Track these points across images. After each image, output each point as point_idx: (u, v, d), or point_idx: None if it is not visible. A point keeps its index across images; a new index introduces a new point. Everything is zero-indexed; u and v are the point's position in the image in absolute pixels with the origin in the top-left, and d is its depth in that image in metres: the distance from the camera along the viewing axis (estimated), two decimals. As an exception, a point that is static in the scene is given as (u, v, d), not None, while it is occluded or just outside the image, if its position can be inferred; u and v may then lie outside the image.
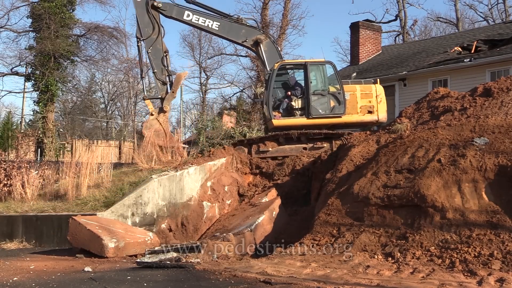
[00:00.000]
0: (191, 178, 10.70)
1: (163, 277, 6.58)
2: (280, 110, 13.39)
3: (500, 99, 9.63)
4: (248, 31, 13.90)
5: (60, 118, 40.84)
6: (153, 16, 13.11)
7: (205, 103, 43.59)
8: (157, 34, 13.17)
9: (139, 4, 13.15)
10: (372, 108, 13.64)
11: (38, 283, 6.34)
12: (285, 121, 13.25)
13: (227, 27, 13.76)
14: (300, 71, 13.94)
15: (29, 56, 28.12)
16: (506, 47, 18.43)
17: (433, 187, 7.45)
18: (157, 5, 13.16)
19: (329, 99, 13.37)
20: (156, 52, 13.18)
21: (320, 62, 14.18)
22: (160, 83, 13.27)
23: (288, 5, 32.02)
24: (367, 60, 25.02)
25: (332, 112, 13.31)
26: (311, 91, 13.28)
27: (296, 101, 13.40)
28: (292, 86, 13.66)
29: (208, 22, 13.57)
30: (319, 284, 5.72)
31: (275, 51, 14.07)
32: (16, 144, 24.08)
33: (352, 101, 13.53)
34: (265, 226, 9.35)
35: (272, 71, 13.37)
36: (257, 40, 13.75)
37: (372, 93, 13.80)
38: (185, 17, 13.51)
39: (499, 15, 39.94)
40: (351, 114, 13.48)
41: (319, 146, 12.60)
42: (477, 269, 6.06)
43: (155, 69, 13.15)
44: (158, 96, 13.41)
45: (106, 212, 9.47)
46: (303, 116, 13.29)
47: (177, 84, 13.32)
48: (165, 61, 13.22)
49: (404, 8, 40.69)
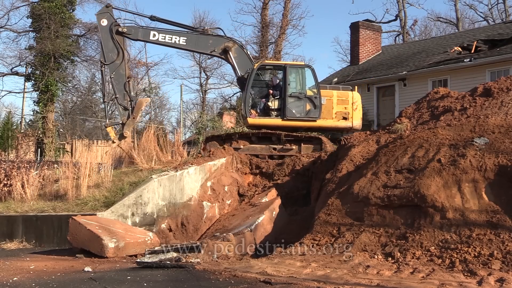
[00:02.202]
0: (191, 178, 10.69)
1: (163, 277, 6.58)
2: (257, 110, 13.61)
3: (500, 99, 9.63)
4: (216, 41, 13.93)
5: (60, 118, 40.83)
6: (117, 41, 13.00)
7: (205, 103, 43.61)
8: (121, 59, 13.03)
9: (104, 29, 13.02)
10: (347, 114, 13.90)
11: (38, 283, 6.34)
12: (260, 120, 13.49)
13: (194, 40, 13.77)
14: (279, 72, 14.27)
15: (29, 56, 28.14)
16: (506, 47, 18.44)
17: (433, 187, 7.45)
18: (122, 30, 13.04)
19: (305, 102, 13.60)
20: (119, 77, 13.06)
21: (299, 65, 14.57)
22: (121, 108, 13.13)
23: (288, 5, 32.02)
24: (367, 60, 25.03)
25: (307, 115, 13.56)
26: (288, 93, 13.51)
27: (273, 102, 13.62)
28: (273, 86, 13.85)
29: (175, 39, 13.53)
30: (319, 284, 5.72)
31: (244, 55, 14.20)
32: (16, 144, 24.08)
33: (328, 106, 13.78)
34: (265, 226, 9.35)
35: (252, 70, 13.57)
36: (225, 48, 13.82)
37: (349, 99, 14.06)
38: (151, 37, 13.46)
39: (499, 15, 39.98)
40: (326, 119, 13.73)
41: (288, 148, 12.96)
42: (477, 269, 6.06)
43: (117, 94, 13.01)
44: (120, 121, 13.28)
45: (106, 212, 9.47)
46: (278, 117, 13.54)
47: (138, 110, 13.21)
48: (127, 87, 13.09)
49: (404, 8, 40.73)
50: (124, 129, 12.99)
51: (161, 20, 14.05)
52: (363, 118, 21.51)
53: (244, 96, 13.67)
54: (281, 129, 13.22)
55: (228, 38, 14.41)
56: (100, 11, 13.47)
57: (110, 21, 13.03)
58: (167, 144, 12.24)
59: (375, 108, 21.98)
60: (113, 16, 13.18)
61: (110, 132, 13.14)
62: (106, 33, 13.01)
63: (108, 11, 13.17)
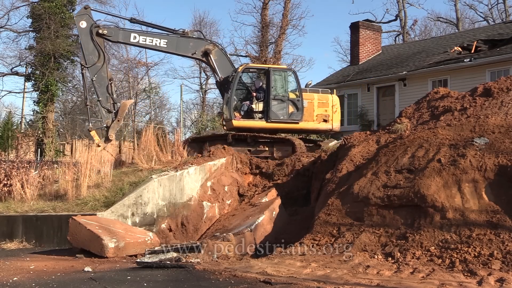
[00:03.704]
0: (191, 178, 10.70)
1: (163, 277, 6.58)
2: (240, 112, 13.71)
3: (500, 99, 9.63)
4: (196, 43, 13.95)
5: (60, 118, 40.79)
6: (97, 43, 12.85)
7: (205, 103, 43.58)
8: (102, 62, 12.89)
9: (83, 31, 12.84)
10: (328, 117, 14.31)
11: (38, 283, 6.34)
12: (244, 122, 13.63)
13: (174, 42, 13.74)
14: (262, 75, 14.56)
15: (29, 56, 28.16)
16: (506, 47, 18.45)
17: (433, 187, 7.45)
18: (102, 32, 12.89)
19: (288, 105, 13.84)
20: (101, 80, 12.92)
21: (282, 68, 14.90)
22: (105, 111, 12.93)
23: (288, 5, 32.03)
24: (367, 60, 25.04)
25: (290, 117, 13.81)
26: (271, 96, 13.66)
27: (257, 104, 13.77)
28: (257, 89, 13.99)
29: (156, 41, 13.47)
30: (319, 284, 5.72)
31: (225, 58, 14.29)
32: (16, 144, 24.08)
33: (309, 109, 14.10)
34: (265, 226, 9.35)
35: (236, 73, 13.68)
36: (206, 51, 13.86)
37: (329, 102, 14.44)
38: (132, 39, 13.37)
39: (499, 15, 40.00)
40: (308, 121, 14.08)
41: (262, 150, 13.28)
42: (477, 269, 6.06)
43: (100, 97, 12.84)
44: (103, 125, 13.05)
45: (106, 212, 9.47)
46: (262, 119, 13.69)
47: (123, 112, 13.09)
48: (109, 89, 12.94)
49: (404, 8, 40.74)
50: (109, 132, 12.80)
51: (141, 22, 14.10)
52: (364, 119, 21.72)
53: (228, 99, 13.70)
54: (265, 131, 13.50)
55: (208, 41, 14.61)
56: (79, 13, 13.36)
57: (89, 23, 12.85)
58: (167, 144, 12.22)
59: (375, 108, 21.98)
60: (92, 18, 13.00)
61: (94, 135, 12.96)
62: (86, 35, 12.81)
63: (86, 13, 13.00)
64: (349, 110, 22.85)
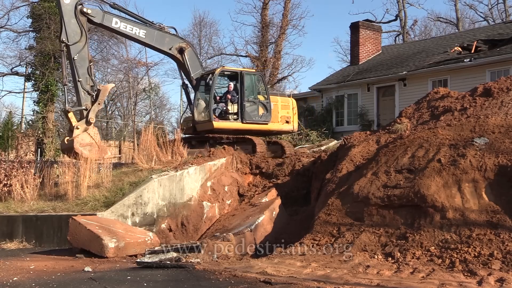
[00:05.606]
0: (191, 178, 10.70)
1: (163, 277, 6.58)
2: (215, 113, 13.83)
3: (500, 99, 9.63)
4: (171, 39, 14.02)
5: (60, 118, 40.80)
6: (80, 22, 12.64)
7: (205, 103, 43.51)
8: (84, 42, 12.70)
9: (67, 7, 12.56)
10: (289, 118, 14.88)
11: (38, 283, 6.34)
12: (224, 124, 13.83)
13: (153, 35, 13.78)
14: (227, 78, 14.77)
15: (29, 56, 28.13)
16: (506, 47, 18.44)
17: (433, 187, 7.45)
18: (87, 11, 12.73)
19: (258, 106, 14.22)
20: (82, 60, 12.70)
21: (252, 72, 15.43)
22: (84, 93, 12.61)
23: (288, 5, 32.06)
24: (367, 60, 25.03)
25: (261, 119, 14.20)
26: (245, 98, 13.96)
27: (232, 106, 13.98)
28: (231, 92, 14.17)
29: (136, 30, 13.50)
30: (319, 284, 5.72)
31: (196, 58, 14.48)
32: (16, 144, 24.08)
33: (275, 111, 14.60)
34: (265, 226, 9.35)
35: (214, 75, 13.85)
36: (181, 48, 13.97)
37: (289, 105, 15.05)
38: (113, 24, 13.29)
39: (499, 15, 39.97)
40: (274, 122, 14.55)
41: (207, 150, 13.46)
42: (477, 269, 6.06)
43: (80, 78, 12.53)
44: (82, 107, 12.58)
45: (106, 212, 9.47)
46: (237, 121, 13.94)
47: (103, 96, 12.92)
48: (89, 70, 12.76)
49: (404, 8, 40.71)
50: (89, 115, 12.46)
51: (122, 9, 14.07)
52: (364, 119, 21.74)
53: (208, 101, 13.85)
54: (241, 132, 13.84)
55: (182, 39, 14.65)
56: None
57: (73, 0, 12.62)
58: (167, 144, 12.22)
59: (375, 108, 21.97)
60: None
61: (71, 117, 12.52)
62: (70, 11, 12.53)
63: None
64: (349, 110, 22.84)
